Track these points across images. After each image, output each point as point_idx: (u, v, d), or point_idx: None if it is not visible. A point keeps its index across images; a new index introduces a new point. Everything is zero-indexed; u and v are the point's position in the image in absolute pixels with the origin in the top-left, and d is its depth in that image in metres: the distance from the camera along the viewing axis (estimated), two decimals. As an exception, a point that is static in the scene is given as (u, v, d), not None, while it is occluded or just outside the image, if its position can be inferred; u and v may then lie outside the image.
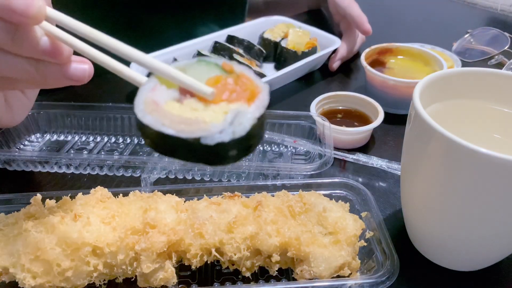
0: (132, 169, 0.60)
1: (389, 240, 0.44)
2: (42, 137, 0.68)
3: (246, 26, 0.94)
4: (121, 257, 0.41)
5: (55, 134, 0.68)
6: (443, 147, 0.38)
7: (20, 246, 0.40)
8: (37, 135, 0.68)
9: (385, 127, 0.71)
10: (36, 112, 0.67)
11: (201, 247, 0.42)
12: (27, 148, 0.66)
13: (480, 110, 0.48)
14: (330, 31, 0.90)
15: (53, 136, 0.68)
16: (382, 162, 0.62)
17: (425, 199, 0.44)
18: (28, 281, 0.39)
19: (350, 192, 0.51)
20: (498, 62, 0.91)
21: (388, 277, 0.41)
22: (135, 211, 0.44)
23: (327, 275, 0.41)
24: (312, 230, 0.43)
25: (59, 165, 0.60)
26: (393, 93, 0.73)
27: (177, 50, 0.83)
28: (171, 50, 0.82)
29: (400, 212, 0.52)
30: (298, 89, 0.83)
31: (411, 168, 0.45)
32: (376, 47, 0.81)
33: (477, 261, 0.47)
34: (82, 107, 0.67)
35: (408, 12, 1.24)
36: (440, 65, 0.75)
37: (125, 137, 0.68)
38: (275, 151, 0.66)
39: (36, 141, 0.67)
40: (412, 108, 0.42)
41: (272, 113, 0.66)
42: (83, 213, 0.43)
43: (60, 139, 0.68)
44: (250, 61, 0.83)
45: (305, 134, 0.66)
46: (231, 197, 0.47)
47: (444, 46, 0.92)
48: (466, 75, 0.47)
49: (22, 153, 0.61)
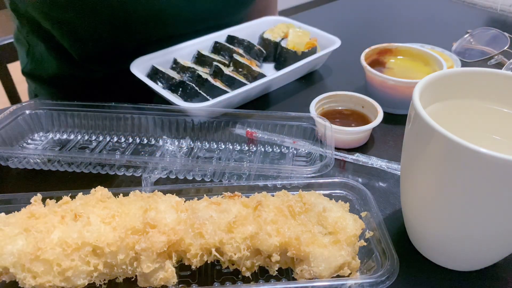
0: (133, 169, 0.60)
1: (389, 240, 0.44)
2: (45, 136, 0.68)
3: (246, 26, 0.94)
4: (121, 257, 0.41)
5: (58, 133, 0.69)
6: (443, 147, 0.39)
7: (20, 246, 0.40)
8: (40, 134, 0.68)
9: (385, 127, 0.71)
10: (40, 111, 0.67)
11: (201, 247, 0.42)
12: (30, 146, 0.66)
13: (480, 110, 0.48)
14: (330, 31, 0.90)
15: (56, 135, 0.68)
16: (381, 162, 0.62)
17: (424, 199, 0.44)
18: (28, 281, 0.39)
19: (350, 192, 0.51)
20: (498, 62, 0.91)
21: (388, 277, 0.41)
22: (135, 211, 0.44)
23: (327, 275, 0.41)
24: (312, 230, 0.43)
25: (61, 163, 0.60)
26: (393, 93, 0.73)
27: (177, 50, 0.83)
28: (171, 50, 0.82)
29: (400, 212, 0.52)
30: (298, 89, 0.83)
31: (410, 168, 0.45)
32: (376, 47, 0.81)
33: (477, 261, 0.47)
34: (86, 106, 0.67)
35: (408, 12, 1.24)
36: (439, 65, 0.75)
37: (127, 137, 0.68)
38: (276, 152, 0.66)
39: (39, 139, 0.68)
40: (411, 108, 0.42)
41: (272, 114, 0.67)
42: (83, 213, 0.43)
43: (63, 138, 0.68)
44: (250, 61, 0.83)
45: (306, 135, 0.66)
46: (231, 197, 0.47)
47: (444, 46, 0.92)
48: (466, 75, 0.48)
49: (24, 151, 0.62)
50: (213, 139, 0.67)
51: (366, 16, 1.22)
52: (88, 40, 0.82)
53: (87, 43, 0.83)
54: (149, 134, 0.68)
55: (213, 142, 0.67)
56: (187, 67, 0.78)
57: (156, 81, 0.75)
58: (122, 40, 0.85)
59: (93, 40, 0.82)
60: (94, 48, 0.84)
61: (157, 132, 0.68)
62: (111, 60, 0.88)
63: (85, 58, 0.87)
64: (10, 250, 0.40)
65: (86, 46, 0.84)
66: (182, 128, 0.67)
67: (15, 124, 0.65)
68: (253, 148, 0.66)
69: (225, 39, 0.89)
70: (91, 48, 0.84)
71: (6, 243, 0.40)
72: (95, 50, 0.85)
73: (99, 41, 0.83)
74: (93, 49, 0.85)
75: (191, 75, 0.77)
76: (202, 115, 0.66)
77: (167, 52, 0.81)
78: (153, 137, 0.68)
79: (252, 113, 0.67)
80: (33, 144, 0.67)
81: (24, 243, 0.40)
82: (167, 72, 0.76)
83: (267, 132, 0.66)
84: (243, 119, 0.66)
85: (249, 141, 0.66)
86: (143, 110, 0.67)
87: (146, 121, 0.67)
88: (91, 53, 0.86)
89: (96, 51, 0.86)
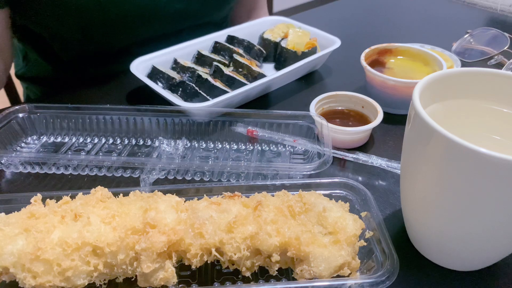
0: (131, 170, 0.60)
1: (389, 240, 0.44)
2: (39, 139, 0.67)
3: (246, 26, 0.94)
4: (121, 257, 0.41)
5: (52, 136, 0.68)
6: (443, 147, 0.39)
7: (20, 246, 0.40)
8: (33, 137, 0.67)
9: (385, 127, 0.71)
10: (32, 114, 0.67)
11: (201, 247, 0.42)
12: (24, 150, 0.65)
13: (480, 110, 0.48)
14: (330, 31, 0.90)
15: (49, 138, 0.68)
16: (381, 161, 0.62)
17: (424, 200, 0.44)
18: (28, 281, 0.39)
19: (350, 192, 0.51)
20: (497, 62, 0.91)
21: (388, 277, 0.41)
22: (135, 211, 0.44)
23: (327, 275, 0.41)
24: (312, 230, 0.43)
25: (57, 166, 0.60)
26: (393, 93, 0.73)
27: (177, 50, 0.83)
28: (171, 50, 0.82)
29: (400, 212, 0.52)
30: (298, 89, 0.84)
31: (410, 168, 0.45)
32: (375, 47, 0.81)
33: (476, 261, 0.47)
34: (79, 109, 0.67)
35: (408, 12, 1.24)
36: (439, 65, 0.75)
37: (122, 138, 0.68)
38: (273, 150, 0.66)
39: (33, 143, 0.67)
40: (411, 108, 0.42)
41: (271, 113, 0.67)
42: (83, 213, 0.43)
43: (57, 140, 0.67)
44: (250, 61, 0.83)
45: (304, 134, 0.66)
46: (231, 197, 0.47)
47: (444, 46, 0.92)
48: (465, 75, 0.47)
49: (19, 154, 0.61)
50: (210, 138, 0.67)
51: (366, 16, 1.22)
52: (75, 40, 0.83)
53: (74, 43, 0.84)
54: (145, 135, 0.68)
55: (210, 142, 0.67)
56: (187, 67, 0.78)
57: (156, 81, 0.75)
58: (108, 40, 0.85)
59: (80, 40, 0.83)
60: (81, 48, 0.85)
61: (153, 133, 0.67)
62: (100, 61, 0.89)
63: (75, 59, 0.87)
64: (10, 250, 0.40)
65: (73, 45, 0.84)
66: (179, 128, 0.67)
67: (8, 127, 0.64)
68: (250, 147, 0.66)
69: (225, 39, 0.89)
70: (78, 48, 0.85)
71: (6, 243, 0.40)
72: (82, 50, 0.85)
73: (85, 40, 0.83)
74: (80, 48, 0.85)
75: (191, 75, 0.77)
76: (202, 115, 0.66)
77: (167, 52, 0.81)
78: (149, 138, 0.68)
79: (251, 112, 0.67)
80: (26, 148, 0.66)
81: (24, 243, 0.40)
82: (167, 72, 0.76)
83: (266, 131, 0.66)
84: (243, 118, 0.66)
85: (249, 139, 0.66)
86: (138, 111, 0.66)
87: (141, 122, 0.67)
88: (79, 54, 0.86)
89: (84, 51, 0.86)
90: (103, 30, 0.82)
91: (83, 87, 0.84)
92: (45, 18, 0.78)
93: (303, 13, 1.23)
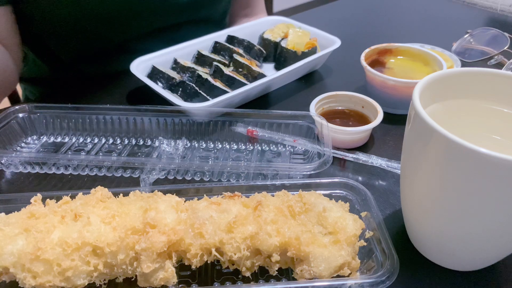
0: (131, 170, 0.60)
1: (389, 240, 0.44)
2: (39, 139, 0.67)
3: (246, 26, 0.94)
4: (121, 257, 0.41)
5: (52, 136, 0.68)
6: (443, 147, 0.39)
7: (20, 246, 0.40)
8: (33, 137, 0.67)
9: (385, 127, 0.71)
10: (32, 114, 0.67)
11: (201, 247, 0.42)
12: (24, 150, 0.65)
13: (480, 110, 0.48)
14: (330, 31, 0.90)
15: (50, 138, 0.68)
16: (381, 161, 0.62)
17: (424, 199, 0.44)
18: (28, 281, 0.39)
19: (350, 192, 0.51)
20: (497, 62, 0.91)
21: (388, 277, 0.41)
22: (135, 211, 0.44)
23: (327, 275, 0.41)
24: (312, 230, 0.43)
25: (57, 166, 0.60)
26: (393, 93, 0.73)
27: (177, 50, 0.83)
28: (171, 50, 0.82)
29: (400, 212, 0.52)
30: (298, 89, 0.83)
31: (410, 168, 0.45)
32: (376, 47, 0.81)
33: (476, 261, 0.47)
34: (79, 109, 0.67)
35: (408, 12, 1.24)
36: (439, 65, 0.75)
37: (122, 138, 0.68)
38: (273, 150, 0.66)
39: (33, 143, 0.67)
40: (411, 108, 0.42)
41: (271, 113, 0.67)
42: (83, 213, 0.43)
43: (57, 140, 0.67)
44: (250, 61, 0.83)
45: (304, 134, 0.66)
46: (231, 197, 0.47)
47: (444, 46, 0.92)
48: (465, 75, 0.48)
49: (19, 154, 0.61)
50: (210, 138, 0.67)
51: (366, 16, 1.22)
52: (71, 36, 0.82)
53: (70, 39, 0.83)
54: (145, 135, 0.67)
55: (210, 142, 0.67)
56: (187, 67, 0.78)
57: (156, 81, 0.75)
58: (104, 35, 0.85)
59: (76, 36, 0.83)
60: (77, 45, 0.85)
61: (153, 133, 0.67)
62: (98, 59, 0.89)
63: (73, 59, 0.87)
64: (10, 250, 0.40)
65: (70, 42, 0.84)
66: (179, 128, 0.67)
67: (8, 127, 0.64)
68: (250, 147, 0.66)
69: (225, 39, 0.89)
70: (75, 44, 0.84)
71: (6, 243, 0.40)
72: (79, 47, 0.85)
73: (81, 36, 0.83)
74: (77, 45, 0.85)
75: (191, 75, 0.77)
76: (202, 115, 0.66)
77: (167, 52, 0.81)
78: (149, 138, 0.67)
79: (251, 112, 0.67)
80: (26, 148, 0.66)
81: (24, 243, 0.40)
82: (167, 72, 0.76)
83: (266, 131, 0.66)
84: (243, 118, 0.66)
85: (249, 139, 0.66)
86: (138, 111, 0.66)
87: (141, 122, 0.67)
88: (76, 51, 0.86)
89: (81, 49, 0.86)
90: (98, 23, 0.82)
91: (83, 87, 0.85)
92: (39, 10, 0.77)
93: (303, 13, 1.23)
